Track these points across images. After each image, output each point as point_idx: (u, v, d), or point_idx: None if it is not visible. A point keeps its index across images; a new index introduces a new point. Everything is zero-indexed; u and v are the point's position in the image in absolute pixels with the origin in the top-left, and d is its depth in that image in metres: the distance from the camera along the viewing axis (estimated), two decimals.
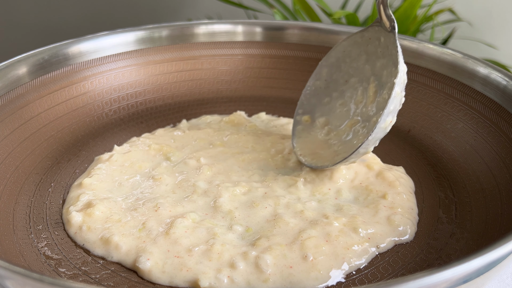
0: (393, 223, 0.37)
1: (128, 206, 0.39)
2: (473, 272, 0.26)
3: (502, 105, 0.43)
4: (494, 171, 0.41)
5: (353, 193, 0.40)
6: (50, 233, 0.37)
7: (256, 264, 0.33)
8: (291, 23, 0.59)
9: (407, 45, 0.52)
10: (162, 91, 0.55)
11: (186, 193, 0.40)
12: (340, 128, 0.44)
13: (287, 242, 0.35)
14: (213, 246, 0.34)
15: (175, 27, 0.56)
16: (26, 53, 0.49)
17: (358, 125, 0.42)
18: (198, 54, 0.57)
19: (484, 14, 0.80)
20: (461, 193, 0.41)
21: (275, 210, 0.38)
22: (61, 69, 0.50)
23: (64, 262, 0.35)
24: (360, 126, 0.42)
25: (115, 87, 0.54)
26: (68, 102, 0.50)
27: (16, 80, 0.47)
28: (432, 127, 0.48)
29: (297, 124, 0.46)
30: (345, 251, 0.34)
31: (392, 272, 0.34)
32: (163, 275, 0.33)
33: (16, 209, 0.39)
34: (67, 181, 0.43)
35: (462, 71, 0.47)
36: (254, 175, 0.42)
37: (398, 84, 0.38)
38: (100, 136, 0.50)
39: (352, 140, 0.42)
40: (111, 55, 0.54)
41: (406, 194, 0.40)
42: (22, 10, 0.96)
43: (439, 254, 0.35)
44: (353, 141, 0.41)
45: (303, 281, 0.32)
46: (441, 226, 0.38)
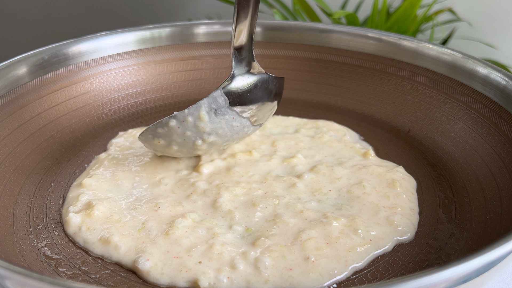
0: (392, 223, 0.37)
1: (128, 206, 0.39)
2: (473, 272, 0.26)
3: (502, 105, 0.43)
4: (493, 171, 0.41)
5: (353, 193, 0.40)
6: (50, 233, 0.37)
7: (256, 266, 0.33)
8: (291, 23, 0.59)
9: (406, 45, 0.52)
10: (162, 91, 0.55)
11: (186, 193, 0.40)
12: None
13: (286, 242, 0.35)
14: (213, 246, 0.34)
15: (175, 27, 0.56)
16: (26, 53, 0.49)
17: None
18: (198, 54, 0.57)
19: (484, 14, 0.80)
20: (460, 193, 0.41)
21: (275, 210, 0.38)
22: (61, 69, 0.51)
23: (64, 262, 0.35)
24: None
25: (115, 87, 0.54)
26: (68, 102, 0.50)
27: (16, 80, 0.47)
28: (431, 127, 0.48)
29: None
30: (346, 253, 0.34)
31: (392, 272, 0.34)
32: (162, 277, 0.33)
33: (16, 209, 0.39)
34: (67, 181, 0.43)
35: (461, 71, 0.47)
36: (254, 175, 0.42)
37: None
38: (100, 136, 0.50)
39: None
40: (111, 55, 0.54)
41: (407, 194, 0.40)
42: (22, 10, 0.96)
43: (439, 254, 0.35)
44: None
45: (303, 282, 0.32)
46: (440, 226, 0.38)
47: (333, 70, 0.55)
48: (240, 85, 0.43)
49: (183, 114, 0.40)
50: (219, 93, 0.41)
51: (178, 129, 0.40)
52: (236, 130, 0.42)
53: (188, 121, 0.40)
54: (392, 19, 0.67)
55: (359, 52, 0.54)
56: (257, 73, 0.44)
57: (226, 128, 0.41)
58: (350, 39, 0.55)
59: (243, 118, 0.42)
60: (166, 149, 0.42)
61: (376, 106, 0.53)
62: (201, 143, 0.41)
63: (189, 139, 0.41)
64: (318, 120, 0.51)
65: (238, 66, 0.43)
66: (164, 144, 0.42)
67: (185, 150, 0.43)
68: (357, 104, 0.53)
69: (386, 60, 0.53)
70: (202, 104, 0.40)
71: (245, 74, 0.43)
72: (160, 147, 0.42)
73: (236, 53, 0.43)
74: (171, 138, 0.41)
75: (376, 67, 0.53)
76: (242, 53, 0.43)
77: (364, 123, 0.51)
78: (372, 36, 0.54)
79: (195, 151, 0.43)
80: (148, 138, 0.42)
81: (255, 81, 0.43)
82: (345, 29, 0.56)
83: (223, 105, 0.41)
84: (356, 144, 0.47)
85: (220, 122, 0.41)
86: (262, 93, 0.44)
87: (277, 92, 0.45)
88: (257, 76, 0.44)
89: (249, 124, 0.43)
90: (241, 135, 0.43)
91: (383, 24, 0.68)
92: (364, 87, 0.54)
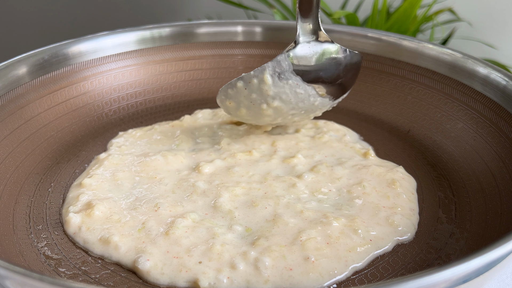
0: (392, 223, 0.37)
1: (128, 206, 0.39)
2: (473, 272, 0.26)
3: (502, 105, 0.43)
4: (493, 171, 0.41)
5: (353, 193, 0.40)
6: (50, 233, 0.37)
7: (256, 266, 0.33)
8: (291, 23, 0.59)
9: (407, 45, 0.52)
10: (162, 91, 0.55)
11: (186, 193, 0.40)
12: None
13: (286, 242, 0.35)
14: (213, 246, 0.34)
15: (175, 27, 0.56)
16: (26, 53, 0.49)
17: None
18: (198, 54, 0.57)
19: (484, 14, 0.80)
20: (460, 193, 0.41)
21: (275, 210, 0.38)
22: (61, 69, 0.51)
23: (64, 262, 0.35)
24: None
25: (115, 87, 0.54)
26: (68, 102, 0.50)
27: (16, 80, 0.47)
28: (431, 127, 0.48)
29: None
30: (346, 253, 0.34)
31: (392, 272, 0.34)
32: (162, 277, 0.33)
33: (16, 209, 0.39)
34: (67, 181, 0.43)
35: (461, 71, 0.47)
36: (254, 175, 0.42)
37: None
38: (100, 136, 0.50)
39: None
40: (111, 55, 0.54)
41: (407, 194, 0.40)
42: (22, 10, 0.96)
43: (439, 254, 0.35)
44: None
45: (303, 282, 0.32)
46: (440, 226, 0.38)
47: None
48: (305, 53, 0.42)
49: (249, 75, 0.41)
50: (284, 57, 0.41)
51: (245, 90, 0.41)
52: (301, 98, 0.42)
53: (254, 83, 0.41)
54: (392, 19, 0.67)
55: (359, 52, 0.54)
56: (325, 41, 0.43)
57: (290, 94, 0.41)
58: (350, 39, 0.55)
59: (308, 86, 0.41)
60: (237, 112, 0.44)
61: (376, 106, 0.53)
62: (266, 107, 0.42)
63: (255, 102, 0.42)
64: (318, 120, 0.51)
65: (303, 32, 0.42)
66: (234, 106, 0.43)
67: (254, 114, 0.43)
68: (357, 104, 0.53)
69: (386, 60, 0.53)
70: (267, 67, 0.40)
71: (312, 42, 0.43)
72: (232, 109, 0.44)
73: (302, 18, 0.42)
74: (239, 100, 0.42)
75: (376, 67, 0.53)
76: (308, 19, 0.42)
77: (364, 123, 0.51)
78: (372, 36, 0.54)
79: (263, 117, 0.43)
80: (222, 99, 0.43)
81: (323, 50, 0.43)
82: (345, 29, 0.56)
83: (287, 70, 0.41)
84: (356, 144, 0.47)
85: (284, 86, 0.41)
86: (329, 64, 0.43)
87: (348, 67, 0.44)
88: (326, 45, 0.43)
89: (315, 93, 0.42)
90: (307, 104, 0.42)
91: (383, 24, 0.68)
92: (364, 87, 0.54)
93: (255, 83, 0.41)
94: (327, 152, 0.46)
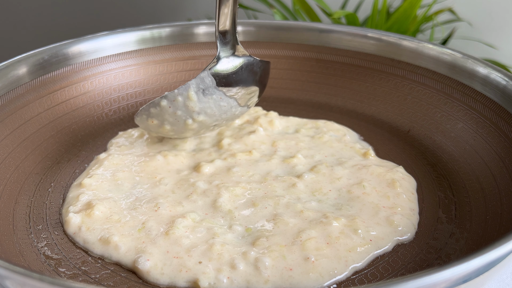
0: (392, 223, 0.37)
1: (128, 206, 0.39)
2: (473, 272, 0.26)
3: (502, 105, 0.43)
4: (493, 171, 0.41)
5: (353, 193, 0.40)
6: (50, 233, 0.37)
7: (256, 266, 0.33)
8: (291, 23, 0.59)
9: (406, 45, 0.52)
10: (162, 91, 0.55)
11: (186, 193, 0.40)
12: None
13: (286, 242, 0.35)
14: (213, 246, 0.34)
15: (175, 27, 0.56)
16: (26, 53, 0.49)
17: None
18: (198, 54, 0.57)
19: (484, 14, 0.80)
20: (460, 193, 0.41)
21: (275, 210, 0.38)
22: (61, 69, 0.51)
23: (64, 262, 0.35)
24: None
25: (115, 87, 0.54)
26: (68, 102, 0.50)
27: (16, 80, 0.47)
28: (431, 127, 0.48)
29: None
30: (346, 253, 0.34)
31: (391, 272, 0.34)
32: (162, 277, 0.33)
33: (16, 209, 0.39)
34: (67, 181, 0.43)
35: (461, 71, 0.47)
36: (254, 175, 0.42)
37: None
38: (100, 136, 0.50)
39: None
40: (111, 55, 0.54)
41: (407, 194, 0.40)
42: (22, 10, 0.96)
43: (439, 254, 0.35)
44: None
45: (303, 282, 0.32)
46: (440, 226, 0.38)
47: (333, 70, 0.55)
48: (226, 67, 0.45)
49: (173, 94, 0.42)
50: (206, 73, 0.43)
51: (169, 108, 0.43)
52: (224, 109, 0.44)
53: (178, 100, 0.42)
54: (392, 19, 0.67)
55: (359, 52, 0.54)
56: (242, 55, 0.46)
57: (214, 108, 0.43)
58: (350, 39, 0.55)
59: (230, 98, 0.44)
60: (159, 129, 0.45)
61: (376, 106, 0.53)
62: (191, 122, 0.43)
63: (180, 118, 0.43)
64: (318, 120, 0.51)
65: (223, 49, 0.45)
66: (157, 124, 0.44)
67: (177, 129, 0.44)
68: (357, 104, 0.53)
69: (386, 60, 0.53)
70: (191, 84, 0.42)
71: (231, 57, 0.45)
72: (154, 127, 0.45)
73: (221, 37, 0.45)
74: (164, 118, 0.43)
75: (376, 67, 0.53)
76: (227, 37, 0.45)
77: (364, 123, 0.51)
78: (372, 36, 0.54)
79: (186, 131, 0.45)
80: (142, 118, 0.44)
81: (240, 63, 0.45)
82: (345, 29, 0.56)
83: (211, 85, 0.43)
84: (356, 144, 0.47)
85: (208, 101, 0.43)
86: (248, 75, 0.46)
87: (262, 74, 0.47)
88: (242, 58, 0.46)
89: (236, 104, 0.45)
90: (229, 115, 0.45)
91: (383, 24, 0.68)
92: (364, 87, 0.54)
93: (180, 101, 0.42)
94: (327, 152, 0.46)
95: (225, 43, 0.45)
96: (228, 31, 0.45)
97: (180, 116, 0.43)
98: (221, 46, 0.45)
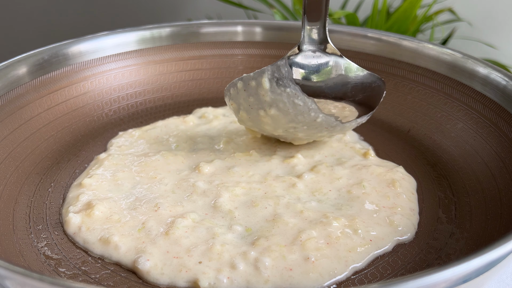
0: (392, 223, 0.37)
1: (128, 206, 0.39)
2: (473, 272, 0.26)
3: (502, 105, 0.43)
4: (493, 171, 0.41)
5: (353, 193, 0.40)
6: (50, 233, 0.37)
7: (256, 266, 0.33)
8: (291, 23, 0.59)
9: (406, 45, 0.52)
10: (162, 91, 0.55)
11: (186, 193, 0.40)
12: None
13: (286, 242, 0.35)
14: (213, 246, 0.34)
15: (175, 27, 0.56)
16: (26, 53, 0.49)
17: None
18: (198, 54, 0.57)
19: (484, 14, 0.80)
20: (460, 193, 0.41)
21: (275, 210, 0.38)
22: (61, 69, 0.51)
23: (64, 262, 0.35)
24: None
25: (115, 87, 0.54)
26: (68, 102, 0.50)
27: (16, 80, 0.47)
28: (431, 127, 0.48)
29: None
30: (346, 253, 0.34)
31: (391, 272, 0.34)
32: (162, 277, 0.33)
33: (16, 209, 0.39)
34: (67, 181, 0.43)
35: (461, 71, 0.47)
36: (254, 175, 0.42)
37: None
38: (100, 136, 0.50)
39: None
40: (111, 55, 0.54)
41: (407, 194, 0.40)
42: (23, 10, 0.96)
43: (439, 254, 0.35)
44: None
45: (303, 282, 0.32)
46: (440, 226, 0.38)
47: None
48: (308, 62, 0.39)
49: (249, 77, 0.39)
50: (284, 62, 0.38)
51: (244, 92, 0.39)
52: (300, 110, 0.38)
53: (252, 85, 0.39)
54: (392, 19, 0.67)
55: (359, 52, 0.54)
56: (332, 53, 0.39)
57: (288, 103, 0.38)
58: (350, 39, 0.55)
59: (307, 98, 0.38)
60: (239, 115, 0.42)
61: None
62: (263, 113, 0.40)
63: (253, 106, 0.40)
64: None
65: (308, 38, 0.39)
66: (236, 108, 0.41)
67: (253, 119, 0.41)
68: None
69: (386, 60, 0.53)
70: (266, 70, 0.38)
71: (318, 52, 0.39)
72: (235, 111, 0.42)
73: (308, 23, 0.38)
74: (239, 102, 0.40)
75: (376, 67, 0.53)
76: (315, 24, 0.39)
77: (364, 123, 0.51)
78: (372, 36, 0.54)
79: (262, 124, 0.41)
80: (226, 99, 0.42)
81: (328, 62, 0.39)
82: (345, 29, 0.56)
83: (286, 76, 0.38)
84: (356, 144, 0.47)
85: (281, 94, 0.38)
86: (335, 80, 0.39)
87: (359, 87, 0.39)
88: (332, 58, 0.39)
89: (316, 108, 0.38)
90: (307, 119, 0.39)
91: (383, 24, 0.68)
92: None
93: (253, 86, 0.39)
94: (327, 152, 0.46)
95: (313, 30, 0.39)
96: (320, 13, 0.38)
97: (253, 103, 0.39)
98: (307, 33, 0.38)
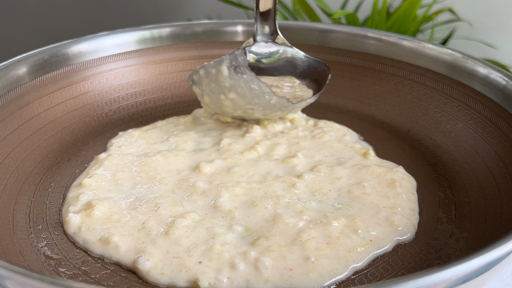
0: (392, 223, 0.37)
1: (128, 206, 0.39)
2: (473, 272, 0.26)
3: (502, 105, 0.43)
4: (493, 171, 0.41)
5: (353, 193, 0.40)
6: (50, 233, 0.37)
7: (256, 266, 0.33)
8: (291, 23, 0.59)
9: (406, 45, 0.52)
10: (162, 91, 0.55)
11: (186, 193, 0.40)
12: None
13: (286, 242, 0.35)
14: (213, 246, 0.34)
15: (175, 27, 0.56)
16: (26, 53, 0.49)
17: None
18: (198, 54, 0.57)
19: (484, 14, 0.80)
20: (460, 193, 0.41)
21: (275, 210, 0.38)
22: (61, 69, 0.51)
23: (64, 262, 0.35)
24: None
25: (115, 87, 0.54)
26: (68, 102, 0.50)
27: (16, 80, 0.47)
28: (431, 127, 0.48)
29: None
30: (346, 253, 0.34)
31: (391, 272, 0.34)
32: (162, 277, 0.33)
33: (16, 209, 0.39)
34: (67, 181, 0.43)
35: (461, 71, 0.47)
36: (254, 175, 0.42)
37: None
38: (100, 136, 0.50)
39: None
40: (111, 55, 0.54)
41: (407, 194, 0.40)
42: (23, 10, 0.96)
43: (439, 254, 0.35)
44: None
45: (303, 282, 0.32)
46: (440, 226, 0.38)
47: (333, 70, 0.55)
48: (261, 51, 0.45)
49: (209, 65, 0.44)
50: (240, 51, 0.43)
51: (206, 78, 0.44)
52: (256, 93, 0.43)
53: (212, 72, 0.43)
54: (392, 19, 0.67)
55: (359, 52, 0.54)
56: (282, 43, 0.45)
57: (245, 88, 0.43)
58: (350, 39, 0.55)
59: (262, 83, 0.43)
60: (203, 99, 0.47)
61: (376, 106, 0.53)
62: (224, 97, 0.44)
63: (214, 91, 0.44)
64: (318, 120, 0.51)
65: (262, 31, 0.45)
66: (199, 93, 0.46)
67: (215, 103, 0.46)
68: (357, 104, 0.53)
69: (386, 60, 0.53)
70: (225, 59, 0.43)
71: (269, 42, 0.45)
72: (198, 96, 0.47)
73: (261, 19, 0.44)
74: (202, 88, 0.45)
75: (376, 67, 0.53)
76: (267, 19, 0.45)
77: (364, 123, 0.51)
78: (372, 36, 0.54)
79: (223, 107, 0.46)
80: (190, 84, 0.46)
81: (278, 50, 0.45)
82: (345, 29, 0.56)
83: (242, 64, 0.43)
84: (356, 144, 0.47)
85: (239, 80, 0.43)
86: (286, 65, 0.45)
87: (306, 72, 0.46)
88: (282, 47, 0.45)
89: (269, 91, 0.43)
90: (262, 101, 0.44)
91: (383, 24, 0.68)
92: (364, 87, 0.54)
93: (213, 73, 0.43)
94: (327, 152, 0.46)
95: (265, 26, 0.45)
96: (270, 13, 0.44)
97: (214, 88, 0.44)
98: (260, 28, 0.44)
